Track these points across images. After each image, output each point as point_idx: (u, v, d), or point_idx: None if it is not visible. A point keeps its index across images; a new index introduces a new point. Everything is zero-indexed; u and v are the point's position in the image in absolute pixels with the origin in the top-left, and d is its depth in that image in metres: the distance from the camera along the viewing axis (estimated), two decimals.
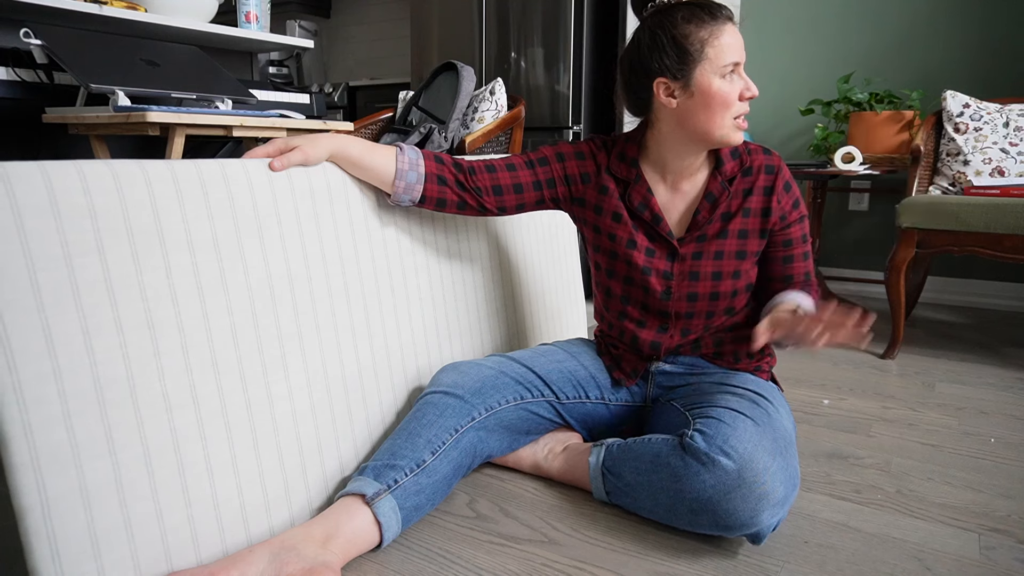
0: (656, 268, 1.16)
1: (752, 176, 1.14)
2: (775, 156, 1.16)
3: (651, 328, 1.20)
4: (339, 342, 1.07)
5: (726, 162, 1.13)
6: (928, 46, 2.70)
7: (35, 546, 0.74)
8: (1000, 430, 1.45)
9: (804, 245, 1.18)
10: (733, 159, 1.14)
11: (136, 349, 0.82)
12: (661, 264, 1.16)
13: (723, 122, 1.06)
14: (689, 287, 1.15)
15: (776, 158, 1.15)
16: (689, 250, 1.15)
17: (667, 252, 1.16)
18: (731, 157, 1.14)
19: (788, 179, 1.15)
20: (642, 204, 1.15)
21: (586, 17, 2.63)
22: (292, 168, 1.03)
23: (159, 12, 1.94)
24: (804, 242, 1.18)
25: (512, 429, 1.16)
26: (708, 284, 1.15)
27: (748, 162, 1.14)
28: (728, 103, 1.05)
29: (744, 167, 1.14)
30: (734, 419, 0.98)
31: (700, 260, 1.15)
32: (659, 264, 1.16)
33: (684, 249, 1.15)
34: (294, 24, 4.13)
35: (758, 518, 0.93)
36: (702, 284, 1.15)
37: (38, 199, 0.75)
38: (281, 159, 1.02)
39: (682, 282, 1.15)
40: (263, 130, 1.73)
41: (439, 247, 1.30)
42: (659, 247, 1.16)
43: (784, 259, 1.17)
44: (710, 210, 1.13)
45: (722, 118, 1.06)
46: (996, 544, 1.02)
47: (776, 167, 1.14)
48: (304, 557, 0.87)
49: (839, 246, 3.00)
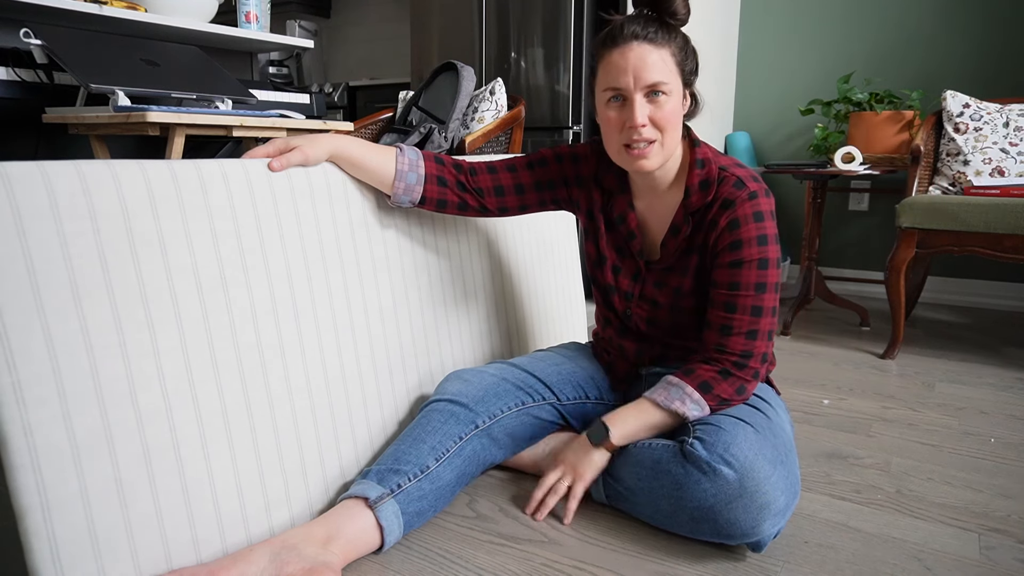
0: (619, 287, 1.16)
1: (712, 209, 1.04)
2: (745, 190, 1.02)
3: (632, 338, 1.20)
4: (339, 342, 1.07)
5: (692, 194, 1.05)
6: (928, 46, 2.70)
7: (35, 546, 0.74)
8: (1000, 430, 1.45)
9: (732, 293, 1.02)
10: (701, 190, 1.05)
11: (136, 349, 0.82)
12: (624, 283, 1.15)
13: (613, 148, 1.04)
14: (649, 311, 1.14)
15: (743, 192, 1.02)
16: (652, 277, 1.13)
17: (632, 272, 1.15)
18: (699, 188, 1.05)
19: (738, 216, 1.01)
20: (620, 216, 1.14)
21: (586, 17, 2.63)
22: (292, 168, 1.03)
23: (159, 12, 1.94)
24: (733, 289, 1.02)
25: (515, 436, 1.16)
26: (666, 313, 1.13)
27: (715, 194, 1.04)
28: (609, 129, 1.03)
29: (708, 200, 1.05)
30: (734, 426, 0.97)
31: (660, 290, 1.12)
32: (623, 283, 1.16)
33: (648, 275, 1.13)
34: (294, 24, 4.13)
35: (759, 528, 0.92)
36: (661, 312, 1.13)
37: (37, 199, 0.75)
38: (280, 159, 1.01)
39: (642, 304, 1.14)
40: (263, 130, 1.73)
41: (439, 247, 1.30)
42: (626, 266, 1.15)
43: (710, 302, 1.05)
44: (674, 242, 1.09)
45: (612, 143, 1.04)
46: (996, 544, 1.02)
47: (733, 201, 1.02)
48: (305, 557, 0.87)
49: (839, 246, 3.00)
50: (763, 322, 1.02)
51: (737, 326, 1.02)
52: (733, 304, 1.02)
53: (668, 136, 1.01)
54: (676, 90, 1.01)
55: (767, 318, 1.02)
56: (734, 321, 1.02)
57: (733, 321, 1.02)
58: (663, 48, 0.99)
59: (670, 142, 1.02)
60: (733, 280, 1.02)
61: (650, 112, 1.00)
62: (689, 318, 1.11)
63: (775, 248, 1.03)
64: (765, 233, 1.02)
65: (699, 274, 1.09)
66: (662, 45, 0.99)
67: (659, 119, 1.00)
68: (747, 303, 1.02)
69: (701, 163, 1.06)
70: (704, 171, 1.05)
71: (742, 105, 3.10)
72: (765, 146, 3.07)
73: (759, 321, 1.02)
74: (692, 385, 1.02)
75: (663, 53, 0.99)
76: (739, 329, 1.02)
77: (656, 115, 1.00)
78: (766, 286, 1.02)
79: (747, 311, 1.02)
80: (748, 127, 3.10)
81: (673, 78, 1.00)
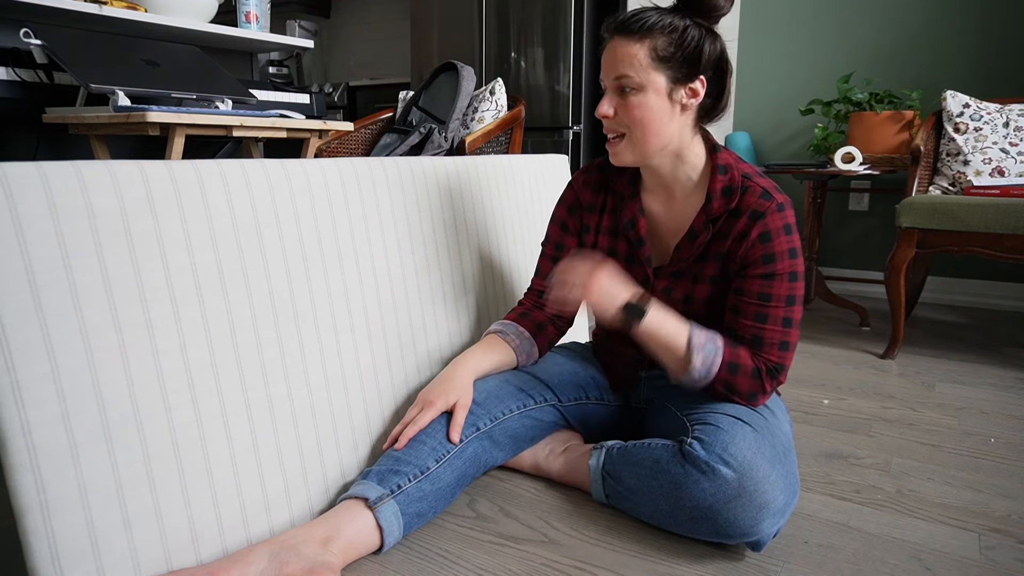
0: None
1: (737, 218, 1.04)
2: (773, 202, 1.02)
3: (632, 345, 1.20)
4: (339, 343, 1.07)
5: (714, 199, 1.04)
6: (928, 46, 2.70)
7: (34, 546, 0.74)
8: (1000, 430, 1.45)
9: (763, 304, 1.02)
10: (723, 196, 1.04)
11: (135, 349, 0.82)
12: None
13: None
14: None
15: (771, 204, 1.02)
16: (661, 284, 1.12)
17: (641, 279, 1.14)
18: (721, 194, 1.04)
19: (771, 230, 1.01)
20: (630, 223, 1.13)
21: (586, 17, 2.63)
22: (291, 168, 1.03)
23: (159, 12, 1.94)
24: (764, 301, 1.02)
25: (517, 437, 1.16)
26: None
27: (738, 202, 1.04)
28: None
29: (731, 207, 1.04)
30: (733, 426, 0.97)
31: (669, 296, 1.12)
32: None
33: (657, 281, 1.12)
34: (294, 24, 4.13)
35: (759, 527, 0.92)
36: None
37: (36, 200, 0.75)
38: (455, 430, 1.04)
39: None
40: (263, 130, 1.73)
41: (440, 248, 1.30)
42: (633, 272, 1.15)
43: (733, 309, 1.05)
44: (689, 248, 1.08)
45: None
46: (996, 544, 1.02)
47: (764, 213, 1.02)
48: (304, 557, 0.87)
49: (839, 246, 3.00)
50: (793, 333, 1.04)
51: (769, 337, 1.03)
52: (764, 315, 1.03)
53: (637, 132, 1.01)
54: (650, 85, 0.98)
55: (796, 330, 1.04)
56: (766, 332, 1.03)
57: (765, 332, 1.03)
58: (638, 42, 0.98)
59: (641, 139, 1.02)
60: (765, 291, 1.02)
61: (616, 105, 1.01)
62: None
63: (802, 261, 1.04)
64: (795, 246, 1.02)
65: (716, 282, 1.08)
66: (639, 39, 0.98)
67: (623, 113, 1.01)
68: (779, 314, 1.02)
69: (723, 169, 1.05)
70: (727, 177, 1.04)
71: (742, 105, 3.10)
72: (765, 146, 3.07)
73: (790, 332, 1.03)
74: (725, 356, 1.03)
75: (636, 47, 0.98)
76: (771, 340, 1.03)
77: (621, 109, 1.01)
78: (796, 298, 1.03)
79: (779, 322, 1.03)
80: (748, 127, 3.10)
81: (643, 73, 0.98)
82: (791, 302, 1.03)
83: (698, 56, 0.99)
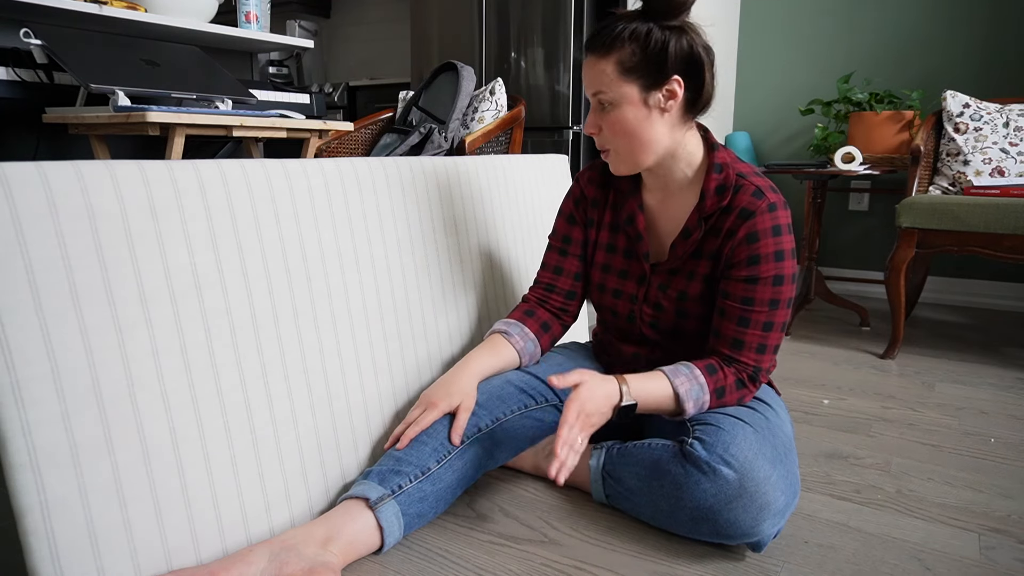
0: (624, 291, 1.16)
1: (728, 216, 1.04)
2: (764, 201, 1.01)
3: (632, 342, 1.20)
4: (339, 342, 1.07)
5: (707, 197, 1.04)
6: (928, 46, 2.70)
7: (34, 546, 0.74)
8: (1000, 430, 1.45)
9: (746, 308, 1.02)
10: (716, 194, 1.04)
11: (134, 349, 0.82)
12: (630, 286, 1.16)
13: None
14: (652, 315, 1.14)
15: (763, 203, 1.01)
16: (657, 280, 1.13)
17: (638, 275, 1.15)
18: (715, 192, 1.04)
19: (759, 230, 1.01)
20: (628, 218, 1.14)
21: (586, 17, 2.63)
22: (291, 168, 1.03)
23: (159, 12, 1.94)
24: (747, 305, 1.02)
25: (518, 438, 1.16)
26: (670, 317, 1.12)
27: (730, 200, 1.04)
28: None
29: (723, 205, 1.04)
30: (733, 426, 0.97)
31: (663, 293, 1.12)
32: (628, 286, 1.16)
33: (654, 277, 1.13)
34: (294, 24, 4.13)
35: (759, 528, 0.92)
36: (665, 316, 1.13)
37: (36, 200, 0.75)
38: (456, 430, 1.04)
39: (646, 308, 1.14)
40: (263, 130, 1.73)
41: (440, 248, 1.30)
42: (632, 268, 1.15)
43: (719, 311, 1.05)
44: (683, 245, 1.08)
45: None
46: (996, 544, 1.02)
47: (753, 212, 1.01)
48: (304, 557, 0.87)
49: (839, 246, 3.00)
50: (772, 336, 1.04)
51: (749, 341, 1.03)
52: (747, 319, 1.03)
53: (623, 145, 1.03)
54: (623, 98, 1.00)
55: (776, 333, 1.04)
56: (746, 336, 1.03)
57: (745, 336, 1.03)
58: (604, 58, 1.00)
59: (627, 150, 1.04)
60: (747, 295, 1.02)
61: (600, 121, 1.04)
62: (693, 323, 1.11)
63: (791, 263, 1.03)
64: (782, 248, 1.02)
65: (708, 281, 1.08)
66: (604, 55, 1.00)
67: (607, 128, 1.04)
68: (760, 319, 1.03)
69: (719, 167, 1.05)
70: (721, 176, 1.04)
71: (742, 105, 3.10)
72: (765, 146, 3.07)
73: (768, 336, 1.03)
74: (711, 388, 1.03)
75: (603, 63, 1.00)
76: (750, 343, 1.03)
77: (605, 124, 1.04)
78: (779, 302, 1.03)
79: (759, 326, 1.03)
80: (748, 127, 3.10)
81: (615, 86, 0.99)
82: (774, 306, 1.02)
83: (664, 58, 0.98)
